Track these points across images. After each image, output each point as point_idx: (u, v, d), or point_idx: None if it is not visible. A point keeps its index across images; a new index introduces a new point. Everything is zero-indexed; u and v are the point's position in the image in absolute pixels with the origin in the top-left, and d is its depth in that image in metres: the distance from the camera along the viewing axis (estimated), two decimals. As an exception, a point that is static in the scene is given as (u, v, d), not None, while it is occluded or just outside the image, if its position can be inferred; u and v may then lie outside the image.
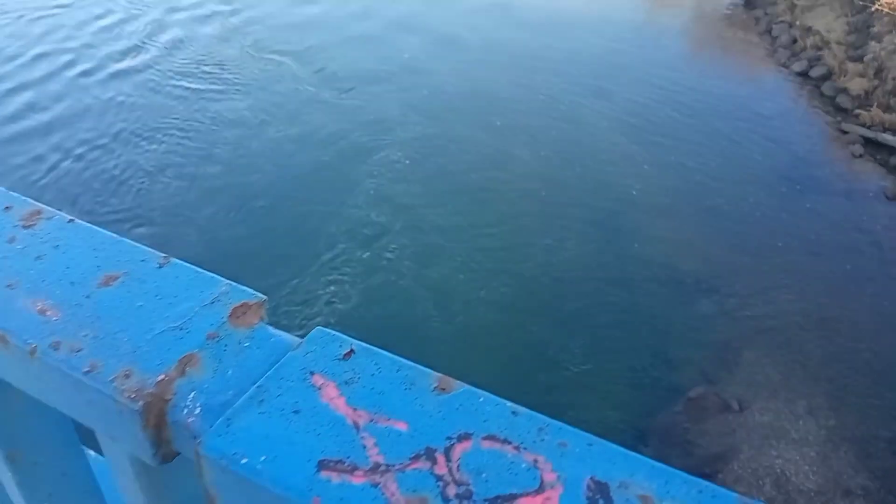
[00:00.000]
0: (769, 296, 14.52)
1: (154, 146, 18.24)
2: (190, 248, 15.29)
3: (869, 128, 19.35)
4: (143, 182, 17.07)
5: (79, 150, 17.94)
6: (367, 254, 15.23)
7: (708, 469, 11.49)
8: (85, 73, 21.13)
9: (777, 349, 13.49)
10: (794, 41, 23.65)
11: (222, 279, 0.99)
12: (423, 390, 0.83)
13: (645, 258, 15.35)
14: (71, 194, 16.51)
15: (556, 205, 16.71)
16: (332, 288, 14.45)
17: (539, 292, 14.52)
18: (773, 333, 13.79)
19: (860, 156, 18.62)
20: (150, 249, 1.05)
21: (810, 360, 13.33)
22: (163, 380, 0.87)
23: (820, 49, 22.63)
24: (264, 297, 0.97)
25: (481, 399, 0.82)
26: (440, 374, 0.85)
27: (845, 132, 19.45)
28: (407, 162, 17.94)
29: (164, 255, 1.03)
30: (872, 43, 21.63)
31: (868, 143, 18.99)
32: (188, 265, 1.03)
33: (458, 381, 0.84)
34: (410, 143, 18.61)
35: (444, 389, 0.83)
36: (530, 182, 17.41)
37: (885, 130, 19.10)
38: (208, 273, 1.01)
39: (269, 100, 20.29)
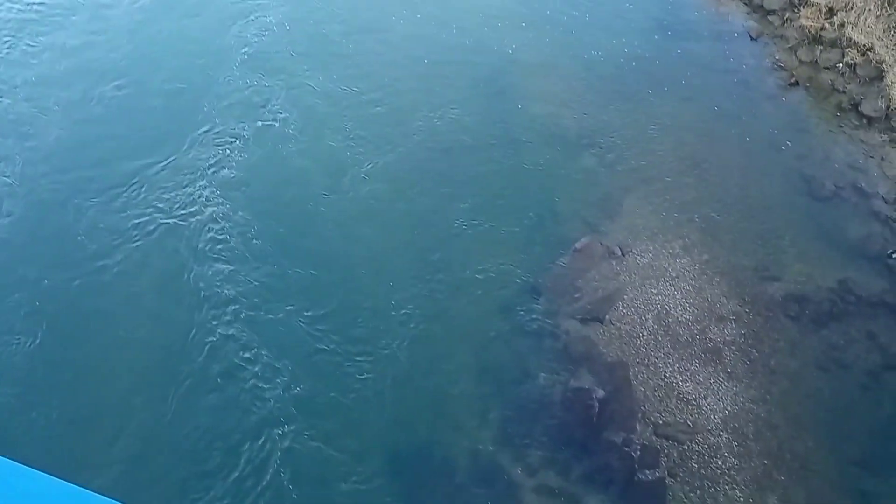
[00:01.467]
0: (645, 144, 15.13)
1: (8, 14, 16.88)
2: (51, 131, 14.68)
3: (734, -33, 19.61)
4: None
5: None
6: (248, 125, 14.89)
7: (595, 313, 12.34)
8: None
9: (654, 194, 14.24)
10: None
11: None
12: None
13: (528, 116, 15.60)
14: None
15: (437, 68, 16.58)
16: (214, 162, 14.15)
17: (427, 158, 14.64)
18: (649, 180, 14.50)
19: (726, -4, 19.00)
20: None
21: (685, 201, 14.18)
22: None
23: None
24: None
25: None
26: None
27: (712, -27, 19.69)
28: (287, 27, 17.21)
29: None
30: None
31: (733, -17, 19.31)
32: None
33: None
34: (284, 5, 17.77)
35: None
36: (409, 45, 17.11)
37: (749, -31, 19.42)
38: None
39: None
